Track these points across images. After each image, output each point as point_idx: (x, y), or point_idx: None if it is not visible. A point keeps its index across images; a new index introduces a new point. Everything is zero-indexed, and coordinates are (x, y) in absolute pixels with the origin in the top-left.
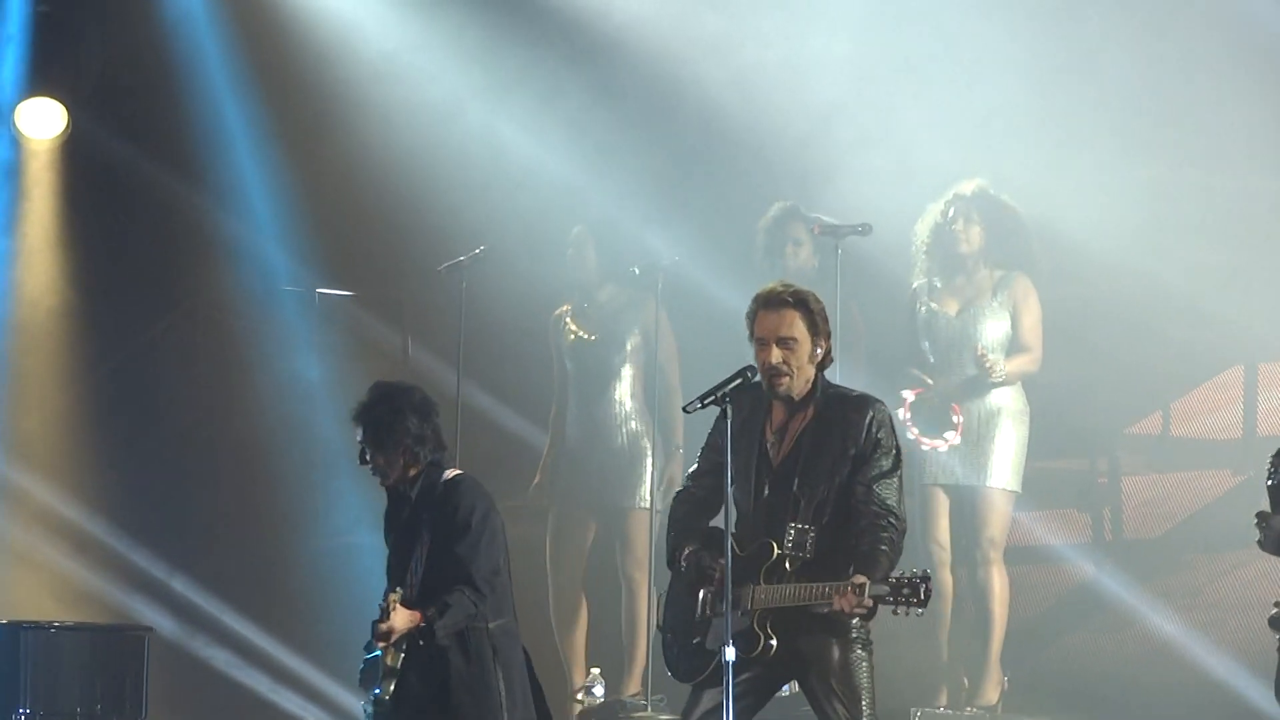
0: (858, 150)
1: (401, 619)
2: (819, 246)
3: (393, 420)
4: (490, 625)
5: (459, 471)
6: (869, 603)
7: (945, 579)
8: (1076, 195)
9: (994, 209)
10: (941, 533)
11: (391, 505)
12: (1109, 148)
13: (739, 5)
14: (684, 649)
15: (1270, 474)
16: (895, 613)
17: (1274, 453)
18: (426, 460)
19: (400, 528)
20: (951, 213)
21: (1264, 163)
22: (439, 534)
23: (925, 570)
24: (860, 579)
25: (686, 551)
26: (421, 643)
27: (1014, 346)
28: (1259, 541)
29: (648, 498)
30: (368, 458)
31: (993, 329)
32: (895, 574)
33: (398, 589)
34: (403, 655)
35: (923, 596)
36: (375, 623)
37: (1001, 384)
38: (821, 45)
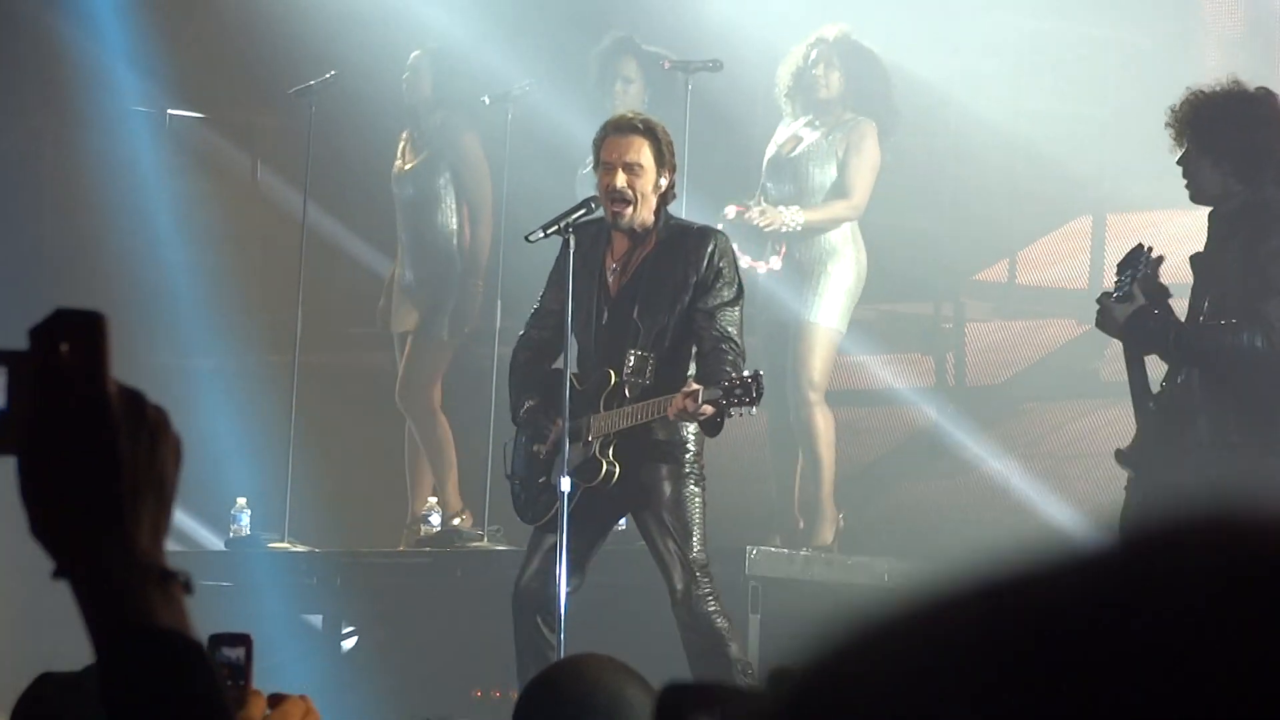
0: None
1: None
2: (656, 83)
3: None
4: None
5: None
6: (706, 409)
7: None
8: (935, 44)
9: (856, 55)
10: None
11: None
12: None
13: None
14: (530, 492)
15: (1117, 284)
16: (730, 414)
17: (1117, 264)
18: None
19: None
20: (814, 56)
21: (1117, 13)
22: None
23: (757, 370)
24: (695, 385)
25: (526, 406)
26: None
27: (835, 190)
28: (1098, 324)
29: (444, 329)
30: None
31: (818, 172)
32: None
33: None
34: None
35: (755, 395)
36: None
37: (793, 231)
38: None
